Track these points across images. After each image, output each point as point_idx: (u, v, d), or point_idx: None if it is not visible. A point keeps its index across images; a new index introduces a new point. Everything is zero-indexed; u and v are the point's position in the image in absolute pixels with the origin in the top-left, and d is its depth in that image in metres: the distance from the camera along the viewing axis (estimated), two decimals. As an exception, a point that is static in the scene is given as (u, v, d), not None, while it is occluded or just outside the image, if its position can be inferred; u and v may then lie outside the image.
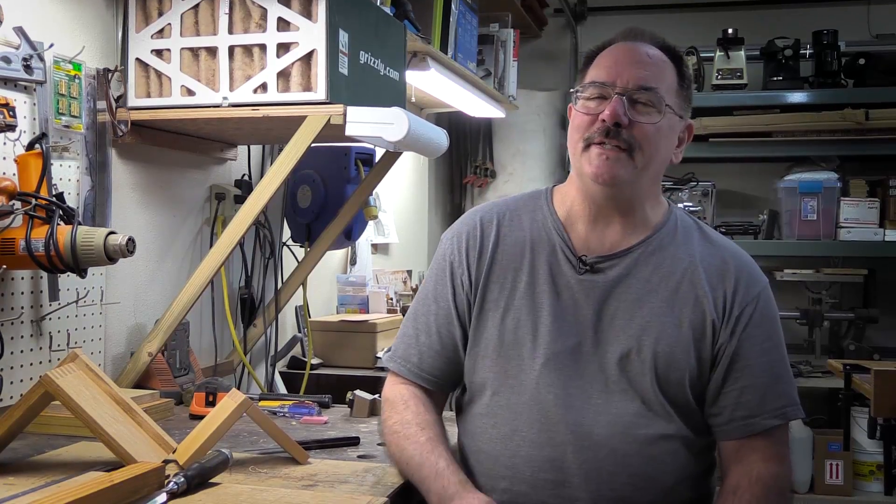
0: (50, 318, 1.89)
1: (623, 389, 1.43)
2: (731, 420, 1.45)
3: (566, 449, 1.42)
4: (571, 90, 1.51)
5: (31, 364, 1.85)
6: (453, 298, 1.55)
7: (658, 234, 1.51)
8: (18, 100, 1.81)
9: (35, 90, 1.84)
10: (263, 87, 1.96)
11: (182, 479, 1.30)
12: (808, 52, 4.48)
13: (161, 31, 2.02)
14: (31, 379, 1.81)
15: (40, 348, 1.87)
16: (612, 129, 1.42)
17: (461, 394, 1.59)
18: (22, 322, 1.83)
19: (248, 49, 1.97)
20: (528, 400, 1.45)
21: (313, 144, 1.99)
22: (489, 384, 1.50)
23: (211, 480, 1.37)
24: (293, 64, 1.94)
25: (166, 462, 1.40)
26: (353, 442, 1.72)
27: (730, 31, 4.55)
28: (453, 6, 2.90)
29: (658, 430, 1.42)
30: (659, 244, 1.50)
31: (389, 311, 3.11)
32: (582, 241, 1.51)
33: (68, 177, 1.94)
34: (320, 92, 1.93)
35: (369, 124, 1.94)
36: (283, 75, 1.95)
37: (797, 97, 4.41)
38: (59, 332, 1.92)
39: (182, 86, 2.01)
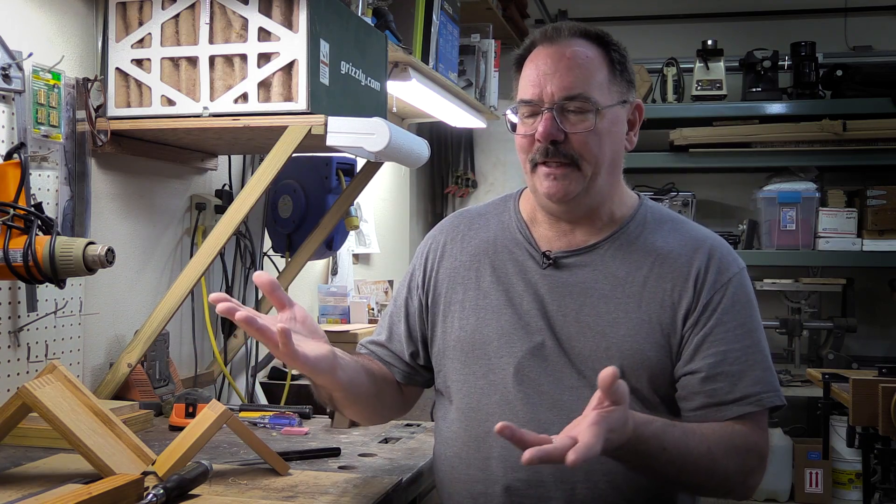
0: (28, 329, 1.87)
1: (593, 387, 1.37)
2: (703, 406, 1.40)
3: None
4: (507, 110, 1.49)
5: (9, 376, 1.83)
6: (406, 300, 1.60)
7: (624, 229, 1.49)
8: (-3, 109, 1.80)
9: (13, 99, 1.83)
10: (244, 96, 1.96)
11: (161, 491, 1.29)
12: (786, 63, 4.54)
13: (141, 40, 2.01)
14: (8, 391, 1.79)
15: (18, 359, 1.86)
16: (549, 147, 1.41)
17: (435, 404, 1.59)
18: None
19: (228, 59, 1.97)
20: (499, 400, 1.45)
21: (294, 154, 1.99)
22: (459, 387, 1.50)
23: (190, 492, 1.36)
24: (274, 74, 1.94)
25: (145, 474, 1.39)
26: (334, 453, 1.71)
27: (709, 42, 4.60)
28: (435, 17, 2.90)
29: None
30: (626, 239, 1.48)
31: (371, 322, 3.10)
32: (546, 240, 1.51)
33: (47, 187, 1.92)
34: (301, 102, 1.92)
35: (350, 135, 1.94)
36: (264, 85, 1.95)
37: (776, 108, 4.45)
38: (37, 343, 1.90)
39: (162, 95, 2.00)
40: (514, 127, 1.47)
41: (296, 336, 1.27)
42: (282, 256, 2.78)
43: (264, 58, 1.95)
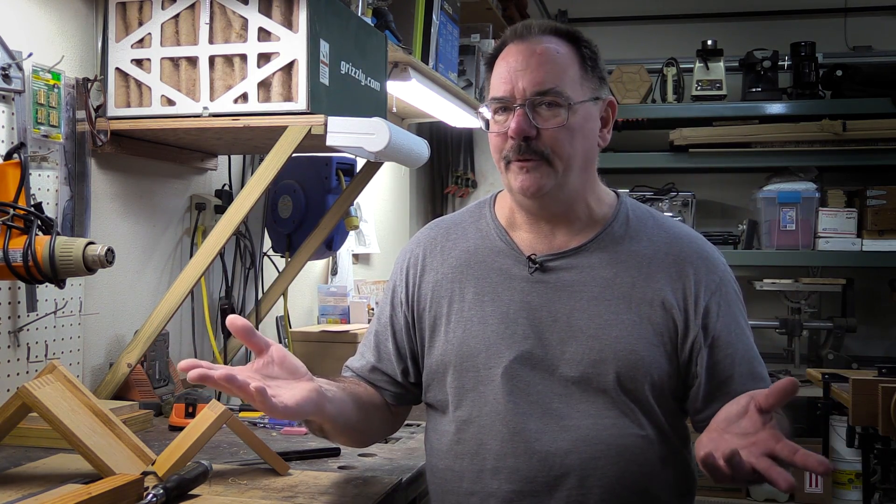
0: (28, 329, 1.87)
1: (584, 392, 1.40)
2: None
3: (531, 458, 1.39)
4: (482, 107, 1.49)
5: (9, 376, 1.83)
6: (391, 317, 1.58)
7: (609, 229, 1.48)
8: (-4, 109, 1.80)
9: (13, 99, 1.83)
10: (244, 96, 1.96)
11: (161, 492, 1.29)
12: (786, 63, 4.54)
13: (141, 40, 2.01)
14: (8, 391, 1.80)
15: (18, 359, 1.86)
16: (522, 144, 1.40)
17: (426, 416, 1.58)
18: (-1, 333, 1.82)
19: (228, 59, 1.97)
20: (490, 411, 1.43)
21: (294, 154, 1.99)
22: (450, 400, 1.48)
23: (190, 492, 1.36)
24: (274, 74, 1.94)
25: (145, 474, 1.39)
26: (334, 453, 1.71)
27: (709, 42, 4.60)
28: (434, 17, 2.90)
29: (623, 432, 1.39)
30: (611, 239, 1.47)
31: (371, 322, 3.10)
32: (527, 245, 1.49)
33: (47, 187, 1.92)
34: (301, 102, 1.92)
35: (350, 135, 1.94)
36: (264, 85, 1.95)
37: (776, 108, 4.46)
38: (36, 343, 1.90)
39: (162, 95, 2.00)
40: (487, 125, 1.47)
41: (275, 383, 1.25)
42: (282, 256, 2.78)
43: (264, 58, 1.95)
